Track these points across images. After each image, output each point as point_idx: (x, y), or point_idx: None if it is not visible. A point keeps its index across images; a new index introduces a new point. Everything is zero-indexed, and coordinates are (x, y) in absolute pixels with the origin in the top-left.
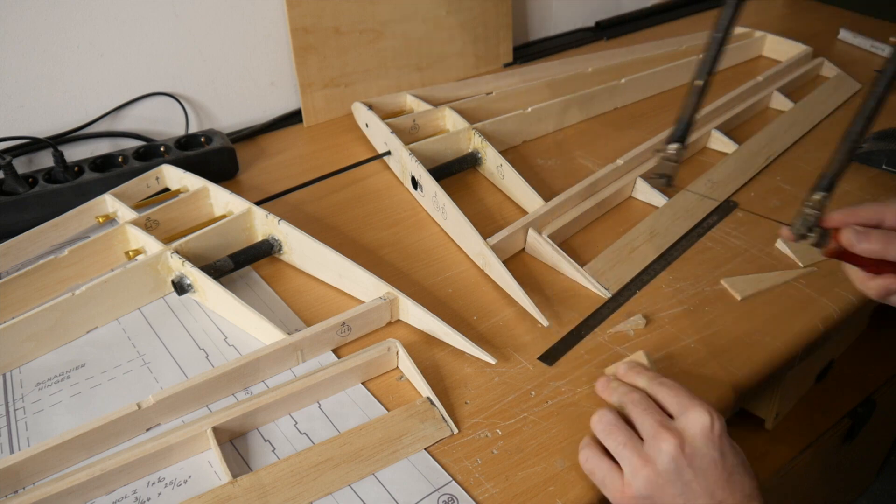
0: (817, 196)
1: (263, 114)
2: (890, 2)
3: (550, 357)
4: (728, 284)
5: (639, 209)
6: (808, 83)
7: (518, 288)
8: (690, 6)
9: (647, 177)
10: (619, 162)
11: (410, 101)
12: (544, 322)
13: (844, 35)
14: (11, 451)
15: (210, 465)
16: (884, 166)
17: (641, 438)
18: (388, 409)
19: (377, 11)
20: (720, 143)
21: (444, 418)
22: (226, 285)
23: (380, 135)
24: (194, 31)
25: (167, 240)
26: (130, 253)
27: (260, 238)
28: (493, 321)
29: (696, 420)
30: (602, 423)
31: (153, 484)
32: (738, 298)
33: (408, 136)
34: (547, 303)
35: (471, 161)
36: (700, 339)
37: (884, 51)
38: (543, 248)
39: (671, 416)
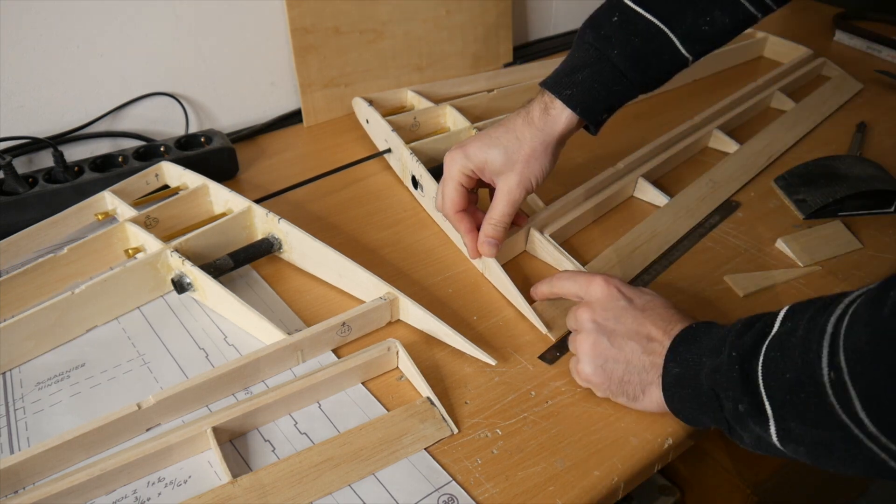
0: None
1: (263, 114)
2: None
3: (550, 357)
4: (731, 281)
5: (640, 209)
6: (810, 83)
7: (517, 293)
8: None
9: None
10: (620, 165)
11: (411, 98)
12: (543, 329)
13: (840, 36)
14: (11, 451)
15: (210, 465)
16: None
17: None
18: (388, 409)
19: (377, 11)
20: (722, 142)
21: (444, 418)
22: (226, 284)
23: (380, 132)
24: (194, 31)
25: (167, 238)
26: (130, 251)
27: (260, 236)
28: (492, 321)
29: (596, 288)
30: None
31: (153, 484)
32: (741, 295)
33: (408, 133)
34: (548, 302)
35: None
36: None
37: (881, 52)
38: (545, 247)
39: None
